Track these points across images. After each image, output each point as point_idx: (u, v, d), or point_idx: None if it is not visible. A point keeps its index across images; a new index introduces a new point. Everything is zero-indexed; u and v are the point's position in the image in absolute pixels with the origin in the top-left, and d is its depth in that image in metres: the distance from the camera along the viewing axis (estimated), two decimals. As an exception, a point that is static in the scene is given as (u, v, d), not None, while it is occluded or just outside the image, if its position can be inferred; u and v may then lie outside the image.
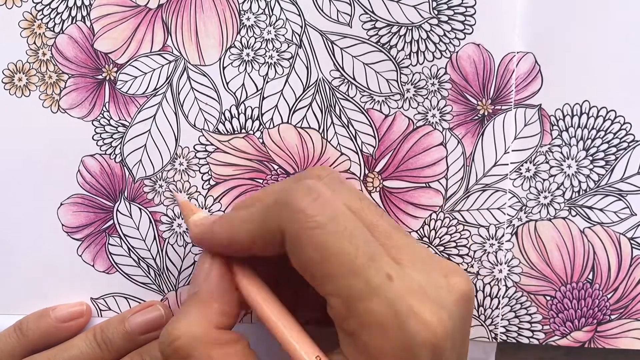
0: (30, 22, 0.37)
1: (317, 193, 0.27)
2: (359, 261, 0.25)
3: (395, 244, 0.28)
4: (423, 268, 0.27)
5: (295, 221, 0.26)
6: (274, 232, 0.27)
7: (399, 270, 0.26)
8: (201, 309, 0.29)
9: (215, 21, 0.37)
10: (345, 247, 0.25)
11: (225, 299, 0.29)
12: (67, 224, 0.38)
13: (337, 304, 0.26)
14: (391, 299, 0.25)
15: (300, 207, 0.26)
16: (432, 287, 0.27)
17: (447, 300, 0.27)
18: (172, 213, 0.37)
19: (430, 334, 0.25)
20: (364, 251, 0.26)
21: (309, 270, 0.26)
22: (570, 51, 0.35)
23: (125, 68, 0.37)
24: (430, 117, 0.36)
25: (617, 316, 0.36)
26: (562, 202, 0.36)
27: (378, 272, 0.25)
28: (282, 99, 0.37)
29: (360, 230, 0.26)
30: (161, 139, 0.37)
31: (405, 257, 0.27)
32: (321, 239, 0.26)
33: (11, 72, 0.37)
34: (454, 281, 0.28)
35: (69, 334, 0.36)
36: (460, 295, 0.27)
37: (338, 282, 0.25)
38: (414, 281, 0.26)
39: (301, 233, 0.26)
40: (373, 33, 0.36)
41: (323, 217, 0.26)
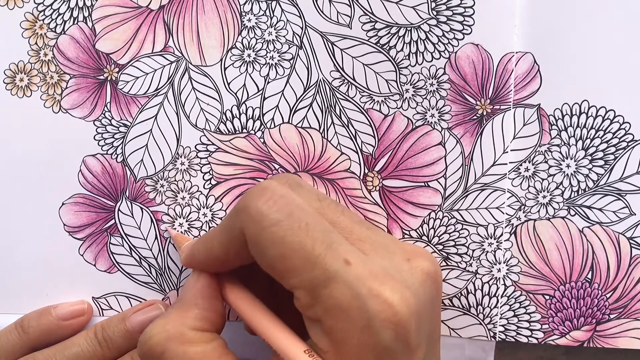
0: (32, 22, 0.37)
1: (272, 191, 0.27)
2: (316, 251, 0.26)
3: (358, 236, 0.28)
4: (385, 254, 0.28)
5: (253, 222, 0.26)
6: (239, 237, 0.28)
7: (358, 255, 0.26)
8: (179, 311, 0.29)
9: (216, 22, 0.37)
10: (302, 239, 0.26)
11: (206, 305, 0.30)
12: (68, 224, 0.37)
13: (301, 295, 0.26)
14: (350, 281, 0.25)
15: (256, 207, 0.27)
16: (395, 270, 0.27)
17: (410, 280, 0.27)
18: (174, 212, 0.37)
19: (391, 312, 0.25)
20: (322, 241, 0.26)
21: (272, 267, 0.27)
22: (569, 51, 0.35)
23: (127, 68, 0.37)
24: (429, 117, 0.36)
25: (616, 316, 0.36)
26: (561, 202, 0.36)
27: (336, 259, 0.26)
28: (283, 99, 0.37)
29: (317, 222, 0.27)
30: (162, 138, 0.37)
31: (367, 247, 0.28)
32: (278, 235, 0.26)
33: (13, 72, 0.37)
34: (418, 263, 0.28)
35: (70, 332, 0.36)
36: (425, 276, 0.28)
37: (299, 275, 0.26)
38: (375, 264, 0.26)
39: (259, 232, 0.26)
40: (372, 34, 0.36)
41: (279, 214, 0.26)
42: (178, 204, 0.37)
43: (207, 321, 0.29)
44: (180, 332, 0.28)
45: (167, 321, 0.29)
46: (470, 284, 0.36)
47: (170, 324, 0.28)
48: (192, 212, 0.37)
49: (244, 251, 0.28)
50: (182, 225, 0.37)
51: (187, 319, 0.29)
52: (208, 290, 0.30)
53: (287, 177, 0.30)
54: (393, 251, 0.28)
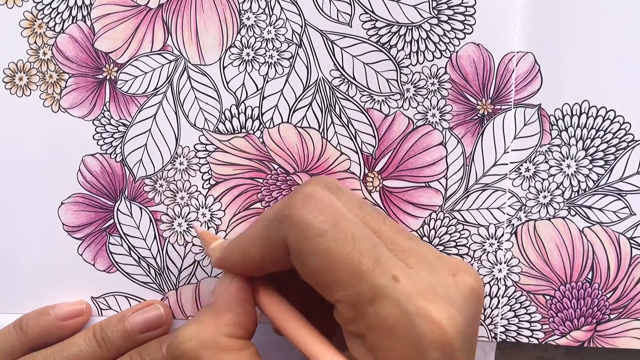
0: (31, 21, 0.37)
1: (317, 200, 0.26)
2: (364, 266, 0.25)
3: (401, 247, 0.27)
4: (430, 268, 0.27)
5: (297, 231, 0.26)
6: (279, 245, 0.27)
7: (405, 271, 0.25)
8: (213, 316, 0.29)
9: (215, 21, 0.36)
10: (349, 252, 0.25)
11: (240, 310, 0.29)
12: (67, 223, 0.37)
13: (344, 310, 0.25)
14: (398, 299, 0.24)
15: (300, 216, 0.26)
16: (440, 286, 0.26)
17: (456, 297, 0.26)
18: (173, 212, 0.37)
19: (439, 332, 0.24)
20: (369, 255, 0.25)
21: (314, 278, 0.26)
22: (570, 51, 0.35)
23: (126, 67, 0.37)
24: (430, 116, 0.36)
25: (616, 316, 0.36)
26: (562, 202, 0.36)
27: (383, 275, 0.25)
28: (282, 98, 0.36)
29: (364, 234, 0.26)
30: (161, 138, 0.37)
31: (412, 260, 0.27)
32: (323, 247, 0.25)
33: (12, 71, 0.37)
34: (462, 278, 0.27)
35: (68, 332, 0.36)
36: (469, 291, 0.27)
37: (344, 289, 0.25)
38: (422, 280, 0.25)
39: (303, 242, 0.25)
40: (373, 33, 0.36)
41: (324, 224, 0.25)
42: (177, 204, 0.37)
43: (241, 327, 0.29)
44: (215, 339, 0.27)
45: (201, 328, 0.28)
46: (470, 284, 0.36)
47: (204, 329, 0.28)
48: (191, 212, 0.37)
49: (283, 259, 0.27)
50: (180, 225, 0.37)
51: (221, 325, 0.28)
52: (242, 294, 0.29)
53: (326, 180, 0.29)
54: (437, 265, 0.27)
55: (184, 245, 0.37)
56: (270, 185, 0.37)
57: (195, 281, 0.37)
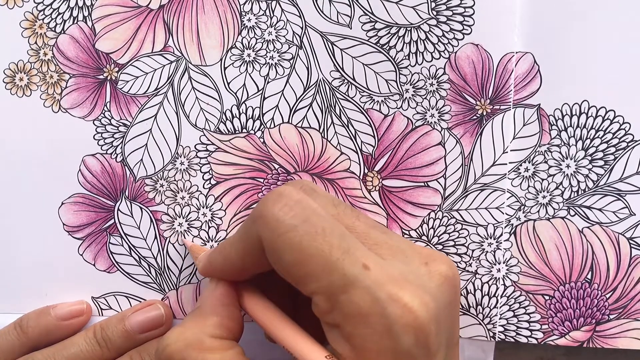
0: (32, 22, 0.37)
1: (287, 197, 0.27)
2: (334, 256, 0.25)
3: (374, 241, 0.28)
4: (403, 258, 0.27)
5: (269, 228, 0.26)
6: (255, 244, 0.27)
7: (376, 260, 0.26)
8: (198, 319, 0.29)
9: (216, 22, 0.36)
10: (319, 245, 0.25)
11: (225, 313, 0.29)
12: (68, 223, 0.37)
13: (320, 301, 0.26)
14: (369, 286, 0.25)
15: (272, 214, 0.26)
16: (413, 274, 0.27)
17: (429, 285, 0.27)
18: (173, 212, 0.37)
19: (411, 317, 0.24)
20: (339, 246, 0.26)
21: (289, 273, 0.26)
22: (569, 51, 0.35)
23: (127, 68, 0.37)
24: (429, 117, 0.36)
25: (615, 316, 0.36)
26: (561, 202, 0.36)
27: (354, 264, 0.25)
28: (282, 99, 0.36)
29: (334, 227, 0.26)
30: (162, 138, 0.37)
31: (385, 252, 0.27)
32: (295, 241, 0.26)
33: (12, 71, 0.37)
34: (435, 267, 0.27)
35: (69, 332, 0.35)
36: (443, 279, 0.27)
37: (317, 280, 0.25)
38: (394, 268, 0.26)
39: (276, 238, 0.26)
40: (372, 34, 0.36)
41: (295, 219, 0.26)
42: (177, 204, 0.37)
43: (226, 329, 0.29)
44: (199, 339, 0.28)
45: (185, 329, 0.28)
46: (469, 284, 0.36)
47: (189, 331, 0.28)
48: (191, 211, 0.37)
49: (261, 259, 0.27)
50: (181, 225, 0.37)
51: (206, 327, 0.29)
52: (226, 298, 0.30)
53: (302, 182, 0.30)
54: (410, 255, 0.28)
55: (184, 245, 0.37)
56: (270, 185, 0.37)
57: (195, 281, 0.37)
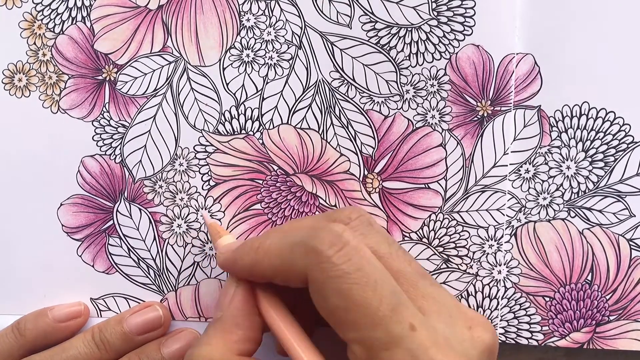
0: (31, 22, 0.36)
1: (345, 241, 0.26)
2: (382, 312, 0.25)
3: (421, 292, 0.27)
4: (448, 319, 0.27)
5: (321, 269, 0.25)
6: (298, 273, 0.27)
7: (423, 321, 0.25)
8: (224, 335, 0.28)
9: (215, 22, 0.35)
10: (369, 297, 0.25)
11: (247, 324, 0.29)
12: (67, 225, 0.36)
13: (358, 351, 0.25)
14: (413, 350, 0.24)
15: (327, 255, 0.25)
16: (456, 339, 0.26)
17: (471, 353, 0.26)
18: (172, 213, 0.36)
19: None
20: (389, 302, 0.25)
21: (332, 315, 0.26)
22: (569, 52, 0.34)
23: (125, 69, 0.36)
24: (430, 118, 0.35)
25: (615, 317, 0.35)
26: (561, 204, 0.35)
27: (401, 323, 0.25)
28: (282, 99, 0.36)
29: (386, 280, 0.26)
30: (161, 139, 0.36)
31: (430, 307, 0.27)
32: (345, 288, 0.25)
33: (11, 72, 0.36)
34: (479, 333, 0.27)
35: (66, 334, 0.35)
36: (484, 347, 0.27)
37: (360, 331, 0.25)
38: (438, 332, 0.25)
39: (326, 281, 0.25)
40: (373, 34, 0.35)
41: (349, 266, 0.25)
42: (176, 205, 0.36)
43: (250, 341, 0.29)
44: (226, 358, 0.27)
45: (212, 348, 0.28)
46: (470, 286, 0.35)
47: (215, 350, 0.28)
48: (190, 213, 0.36)
49: (294, 282, 0.27)
50: (180, 227, 0.36)
51: (232, 343, 0.28)
52: (247, 306, 0.29)
53: (359, 213, 0.29)
54: (455, 316, 0.27)
55: (183, 247, 0.36)
56: (270, 187, 0.36)
57: (194, 282, 0.36)
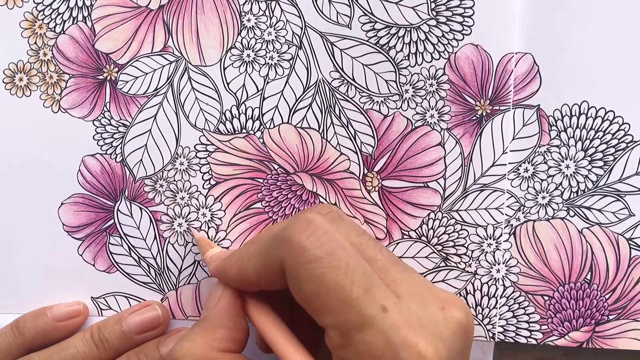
0: (31, 22, 0.36)
1: (315, 227, 0.26)
2: (354, 294, 0.25)
3: (393, 278, 0.27)
4: (420, 300, 0.27)
5: (294, 255, 0.26)
6: (276, 266, 0.27)
7: (395, 302, 0.26)
8: (206, 332, 0.29)
9: (216, 22, 0.35)
10: (341, 280, 0.25)
11: (231, 325, 0.29)
12: (67, 224, 0.36)
13: (334, 335, 0.25)
14: (385, 329, 0.24)
15: (298, 241, 0.26)
16: (429, 319, 0.26)
17: (443, 331, 0.26)
18: (173, 212, 0.36)
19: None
20: (360, 284, 0.25)
21: (308, 302, 0.26)
22: (569, 52, 0.34)
23: (126, 68, 0.36)
24: (429, 117, 0.35)
25: (615, 316, 0.35)
26: (561, 203, 0.35)
27: (372, 304, 0.25)
28: (282, 99, 0.35)
29: (358, 263, 0.26)
30: (162, 138, 0.36)
31: (403, 290, 0.27)
32: (317, 272, 0.25)
33: (12, 72, 0.36)
34: (452, 312, 0.27)
35: (65, 333, 0.35)
36: (457, 326, 0.27)
37: (334, 315, 0.25)
38: (410, 312, 0.26)
39: (299, 266, 0.26)
40: (372, 34, 0.35)
41: (320, 251, 0.26)
42: (177, 204, 0.36)
43: (233, 341, 0.29)
44: (208, 355, 0.28)
45: (194, 344, 0.28)
46: (469, 284, 0.35)
47: (197, 347, 0.28)
48: (191, 212, 0.36)
49: (278, 280, 0.27)
50: (181, 226, 0.36)
51: (214, 341, 0.28)
52: (233, 308, 0.30)
53: (329, 208, 0.29)
54: (427, 297, 0.27)
55: (184, 246, 0.36)
56: (270, 185, 0.36)
57: (195, 281, 0.36)
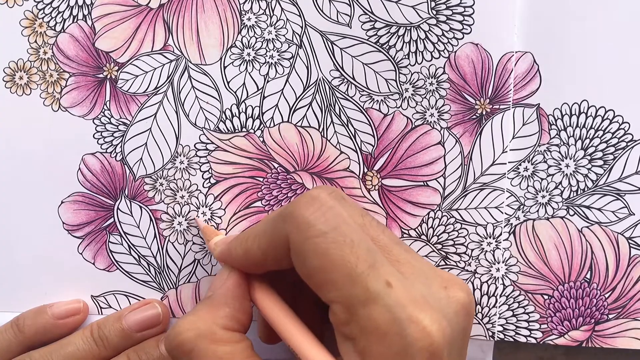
0: (32, 20, 0.35)
1: (320, 202, 0.26)
2: (359, 269, 0.25)
3: (397, 258, 0.27)
4: (424, 280, 0.27)
5: (299, 230, 0.25)
6: (282, 243, 0.27)
7: (399, 278, 0.25)
8: (210, 309, 0.28)
9: (216, 21, 0.35)
10: (346, 255, 0.25)
11: (236, 305, 0.29)
12: (67, 222, 0.36)
13: (338, 310, 0.25)
14: (390, 305, 0.24)
15: (303, 216, 0.25)
16: (432, 297, 0.26)
17: (447, 310, 0.26)
18: (173, 211, 0.35)
19: (428, 341, 0.24)
20: (365, 259, 0.25)
21: (312, 277, 0.26)
22: (568, 50, 0.34)
23: (127, 67, 0.35)
24: (429, 116, 0.35)
25: (614, 316, 0.35)
26: (560, 202, 0.34)
27: (377, 279, 0.25)
28: (282, 98, 0.35)
29: (362, 239, 0.26)
30: (162, 137, 0.35)
31: (406, 270, 0.27)
32: (322, 247, 0.25)
33: (12, 70, 0.36)
34: (454, 293, 0.27)
35: (65, 331, 0.34)
36: (460, 306, 0.27)
37: (339, 290, 0.25)
38: (415, 289, 0.25)
39: (304, 241, 0.25)
40: (372, 33, 0.35)
41: (325, 225, 0.25)
42: (177, 203, 0.35)
43: (237, 321, 0.28)
44: (211, 330, 0.27)
45: (198, 318, 0.28)
46: (469, 283, 0.35)
47: (201, 321, 0.27)
48: (191, 210, 0.35)
49: (284, 257, 0.27)
50: (181, 224, 0.35)
51: (218, 318, 0.28)
52: (238, 289, 0.29)
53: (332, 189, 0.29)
54: (431, 277, 0.27)
55: (184, 244, 0.36)
56: (270, 184, 0.35)
57: (195, 280, 0.36)
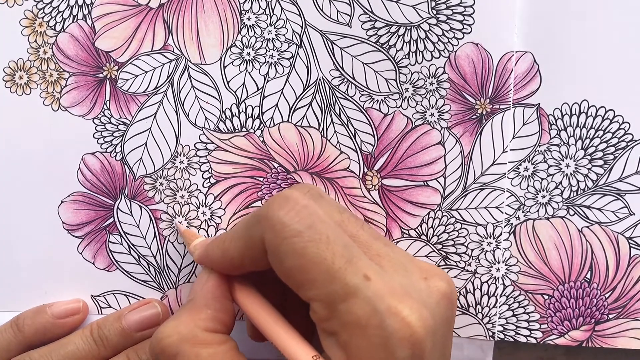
0: (32, 20, 0.35)
1: (294, 202, 0.26)
2: (337, 265, 0.25)
3: (376, 252, 0.27)
4: (404, 272, 0.27)
5: (274, 231, 0.25)
6: (257, 244, 0.27)
7: (377, 271, 0.25)
8: (191, 312, 0.28)
9: (216, 20, 0.35)
10: (322, 252, 0.25)
11: (217, 306, 0.29)
12: (67, 222, 0.35)
13: (318, 308, 0.25)
14: (369, 297, 0.24)
15: (277, 217, 0.25)
16: (413, 288, 0.26)
17: (427, 300, 0.26)
18: (172, 211, 0.35)
19: (409, 331, 0.24)
20: (342, 255, 0.25)
21: (290, 278, 0.26)
22: (569, 50, 0.34)
23: (126, 66, 0.35)
24: (429, 116, 0.34)
25: (615, 315, 0.34)
26: (560, 201, 0.34)
27: (355, 274, 0.24)
28: (282, 98, 0.35)
29: (338, 235, 0.26)
30: (162, 137, 0.35)
31: (385, 264, 0.27)
32: (298, 247, 0.25)
33: (12, 70, 0.35)
34: (434, 283, 0.27)
35: (65, 331, 0.34)
36: (441, 295, 0.26)
37: (318, 288, 0.25)
38: (394, 281, 0.25)
39: (280, 242, 0.25)
40: (372, 33, 0.34)
41: (300, 225, 0.25)
42: (177, 202, 0.35)
43: (219, 322, 0.28)
44: (193, 333, 0.27)
45: (179, 322, 0.28)
46: (469, 283, 0.34)
47: (182, 325, 0.27)
48: (191, 210, 0.35)
49: (261, 258, 0.27)
50: (181, 224, 0.35)
51: (199, 320, 0.28)
52: (218, 290, 0.29)
53: (309, 187, 0.29)
54: (410, 269, 0.27)
55: (183, 244, 0.35)
56: (270, 184, 0.35)
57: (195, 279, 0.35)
